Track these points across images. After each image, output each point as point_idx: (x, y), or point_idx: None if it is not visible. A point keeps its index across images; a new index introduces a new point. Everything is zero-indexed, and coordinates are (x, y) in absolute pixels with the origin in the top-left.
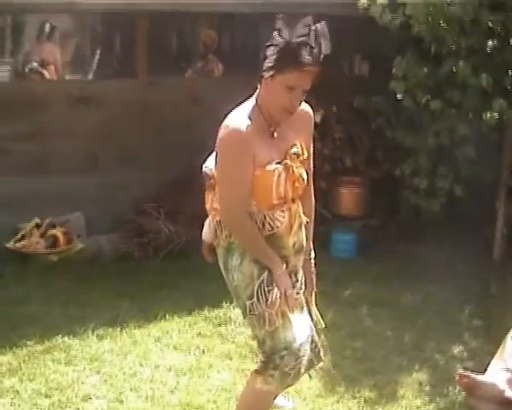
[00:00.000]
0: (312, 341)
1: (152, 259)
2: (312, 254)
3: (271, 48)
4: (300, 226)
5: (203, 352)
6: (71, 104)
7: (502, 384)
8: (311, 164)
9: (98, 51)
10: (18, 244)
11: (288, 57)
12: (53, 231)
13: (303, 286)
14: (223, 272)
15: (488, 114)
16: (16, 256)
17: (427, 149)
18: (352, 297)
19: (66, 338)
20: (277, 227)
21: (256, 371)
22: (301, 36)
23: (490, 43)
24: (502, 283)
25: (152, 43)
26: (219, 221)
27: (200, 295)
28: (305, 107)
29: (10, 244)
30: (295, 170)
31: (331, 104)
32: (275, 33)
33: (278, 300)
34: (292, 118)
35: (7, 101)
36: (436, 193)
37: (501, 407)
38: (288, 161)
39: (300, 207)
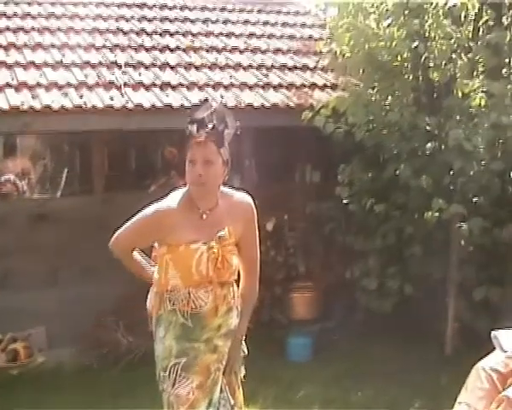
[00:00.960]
0: None
1: (111, 369)
2: (242, 338)
3: None
4: (229, 311)
5: None
6: (30, 221)
7: None
8: (253, 253)
9: (57, 170)
10: None
11: (188, 136)
12: (13, 346)
13: (222, 366)
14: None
15: (429, 214)
16: None
17: (376, 250)
18: (305, 399)
19: None
20: (201, 307)
21: None
22: (196, 116)
23: (429, 145)
24: (453, 376)
25: (111, 160)
26: (157, 292)
27: (156, 404)
28: (243, 197)
29: None
30: (216, 251)
31: (283, 212)
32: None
33: (184, 392)
34: (228, 206)
35: None
36: (386, 293)
37: None
38: (213, 243)
39: (232, 293)
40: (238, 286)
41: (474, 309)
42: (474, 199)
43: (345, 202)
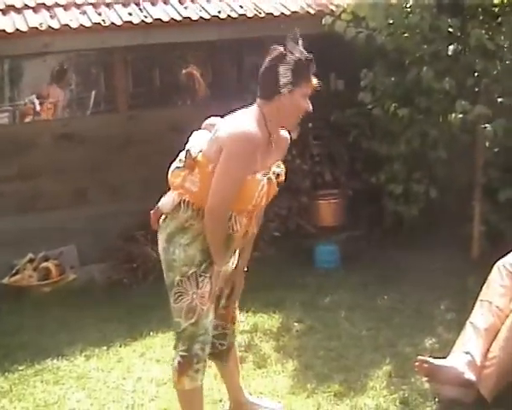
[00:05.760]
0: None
1: (141, 283)
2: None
3: (283, 67)
4: (252, 236)
5: None
6: (56, 142)
7: (461, 367)
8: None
9: (81, 90)
10: (12, 279)
11: (304, 71)
12: (45, 264)
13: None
14: (163, 242)
15: (453, 116)
16: (12, 291)
17: (401, 155)
18: (331, 304)
19: (55, 360)
20: (237, 231)
21: (179, 371)
22: (306, 54)
23: (451, 47)
24: (479, 278)
25: (135, 78)
26: (189, 202)
27: None
28: (285, 132)
29: (5, 280)
30: (274, 184)
31: (307, 121)
32: (287, 54)
33: (207, 290)
34: (277, 137)
35: None
36: (413, 198)
37: (461, 390)
38: (271, 176)
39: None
40: None
41: (499, 211)
42: (499, 100)
43: (368, 107)
